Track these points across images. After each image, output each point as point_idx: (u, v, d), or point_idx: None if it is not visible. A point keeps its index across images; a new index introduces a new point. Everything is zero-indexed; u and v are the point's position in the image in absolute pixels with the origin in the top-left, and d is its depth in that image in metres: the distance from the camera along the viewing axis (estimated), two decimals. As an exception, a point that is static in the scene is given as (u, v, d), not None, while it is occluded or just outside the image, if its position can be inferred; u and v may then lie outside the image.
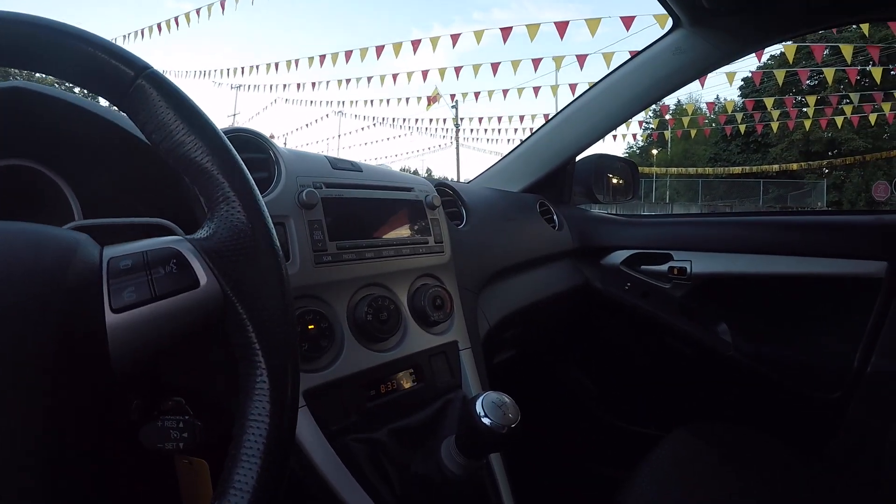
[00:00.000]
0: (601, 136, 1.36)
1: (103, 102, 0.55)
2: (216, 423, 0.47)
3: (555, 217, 1.26)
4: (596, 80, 1.34)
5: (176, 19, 7.57)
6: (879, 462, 1.00)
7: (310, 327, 0.59)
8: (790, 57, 6.18)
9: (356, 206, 0.67)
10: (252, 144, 0.64)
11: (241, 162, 0.36)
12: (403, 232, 0.72)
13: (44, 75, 0.36)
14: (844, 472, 1.00)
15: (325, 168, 0.68)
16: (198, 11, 7.12)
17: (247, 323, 0.33)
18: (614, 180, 1.49)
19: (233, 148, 0.36)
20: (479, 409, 0.47)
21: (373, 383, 0.64)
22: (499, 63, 6.75)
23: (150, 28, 7.96)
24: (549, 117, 1.43)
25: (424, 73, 7.54)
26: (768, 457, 0.88)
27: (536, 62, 6.51)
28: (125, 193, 0.60)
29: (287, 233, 0.59)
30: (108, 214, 0.52)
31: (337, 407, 0.60)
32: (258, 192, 0.36)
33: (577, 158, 1.40)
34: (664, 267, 1.22)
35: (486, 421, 0.45)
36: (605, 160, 1.47)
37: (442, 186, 0.92)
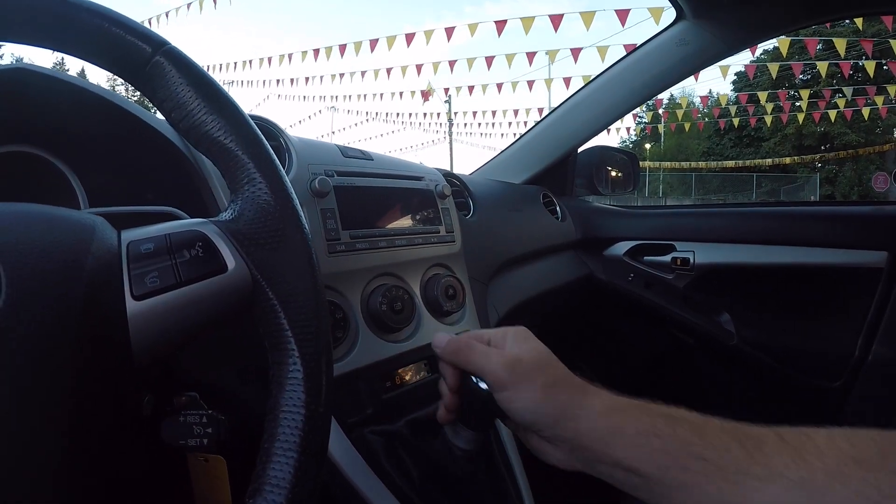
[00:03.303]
0: (604, 127, 1.36)
1: (104, 84, 0.53)
2: (232, 419, 0.46)
3: (558, 208, 1.26)
4: (594, 74, 1.34)
5: (167, 13, 7.49)
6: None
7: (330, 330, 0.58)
8: (784, 51, 6.20)
9: (368, 195, 0.66)
10: (262, 131, 0.63)
11: (266, 141, 0.35)
12: (415, 221, 0.72)
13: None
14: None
15: (336, 156, 0.67)
16: (188, 6, 7.04)
17: (278, 309, 0.32)
18: (614, 172, 1.49)
19: (256, 127, 0.35)
20: (473, 377, 0.45)
21: (388, 374, 0.63)
22: (493, 57, 6.73)
23: (141, 23, 7.83)
24: (552, 108, 1.43)
25: (418, 67, 7.51)
26: None
27: (531, 56, 6.50)
28: (132, 181, 0.58)
29: None
30: (115, 203, 0.50)
31: (353, 399, 0.59)
32: (284, 172, 0.35)
33: (579, 150, 1.40)
34: (667, 258, 1.23)
35: (482, 386, 0.43)
36: (606, 152, 1.47)
37: (449, 177, 0.91)
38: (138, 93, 0.36)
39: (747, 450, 0.33)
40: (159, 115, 0.53)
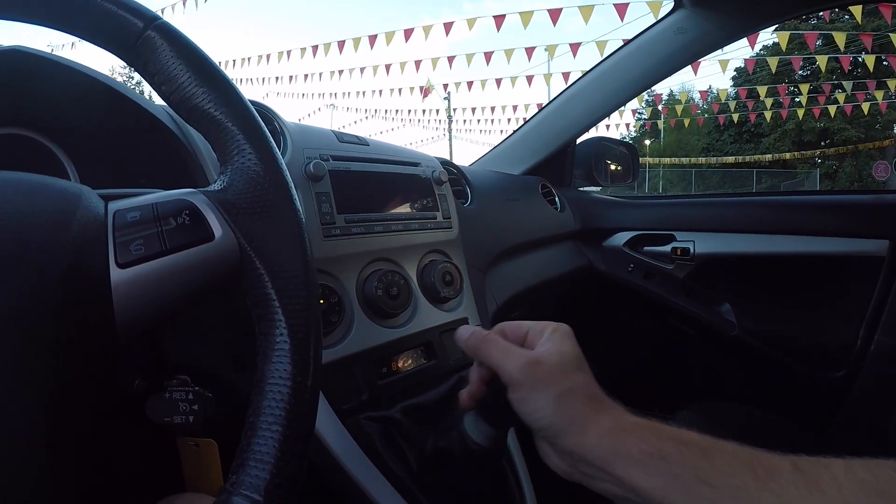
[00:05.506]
0: (603, 117, 1.35)
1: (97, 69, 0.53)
2: (223, 402, 0.45)
3: (557, 199, 1.26)
4: (594, 65, 1.33)
5: (162, 11, 7.47)
6: (884, 438, 1.01)
7: (319, 302, 0.57)
8: (783, 45, 6.19)
9: (364, 180, 0.65)
10: None
11: (255, 113, 0.34)
12: (411, 207, 0.71)
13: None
14: (849, 448, 1.00)
15: (331, 141, 0.66)
16: (184, 2, 7.01)
17: (265, 278, 0.31)
18: (613, 165, 1.48)
19: (246, 98, 0.35)
20: None
21: (384, 360, 0.62)
22: (492, 52, 6.71)
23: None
24: (550, 99, 1.42)
25: (417, 64, 7.49)
26: (774, 435, 0.89)
27: (530, 51, 6.48)
28: (125, 167, 0.58)
29: None
30: (108, 186, 0.50)
31: (348, 385, 0.58)
32: (273, 142, 0.34)
33: (578, 141, 1.39)
34: (667, 248, 1.22)
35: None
36: (605, 143, 1.46)
37: (446, 165, 0.91)
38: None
39: (759, 477, 0.31)
40: (155, 100, 0.52)
